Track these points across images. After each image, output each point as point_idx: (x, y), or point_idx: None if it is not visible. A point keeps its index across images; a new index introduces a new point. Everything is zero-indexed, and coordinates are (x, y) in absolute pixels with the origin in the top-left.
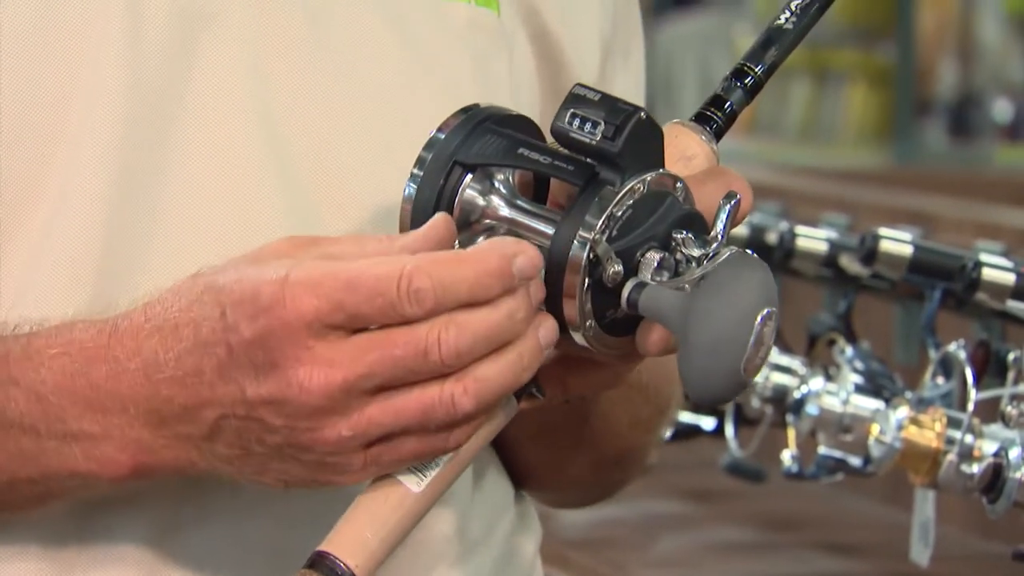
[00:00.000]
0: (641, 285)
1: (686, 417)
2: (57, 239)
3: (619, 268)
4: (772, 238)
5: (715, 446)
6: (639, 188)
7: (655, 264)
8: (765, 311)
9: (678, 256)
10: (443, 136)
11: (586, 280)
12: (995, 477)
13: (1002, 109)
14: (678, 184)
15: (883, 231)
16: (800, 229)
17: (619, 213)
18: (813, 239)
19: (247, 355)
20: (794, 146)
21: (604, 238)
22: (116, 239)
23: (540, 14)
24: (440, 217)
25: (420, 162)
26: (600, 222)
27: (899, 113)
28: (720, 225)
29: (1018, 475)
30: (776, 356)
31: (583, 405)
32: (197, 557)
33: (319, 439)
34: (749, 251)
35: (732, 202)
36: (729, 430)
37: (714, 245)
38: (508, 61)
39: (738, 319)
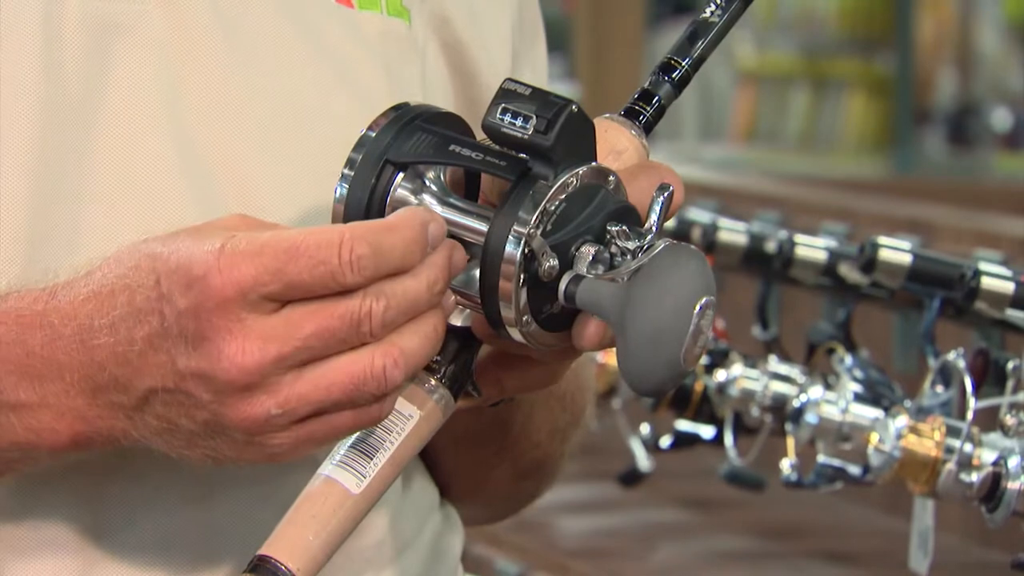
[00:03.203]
0: (578, 278)
1: (685, 426)
2: None
3: (554, 263)
4: (771, 247)
5: (714, 455)
6: (572, 182)
7: (590, 257)
8: (703, 300)
9: (613, 249)
10: (373, 135)
11: (522, 275)
12: (994, 486)
13: (1001, 118)
14: (611, 177)
15: (882, 240)
16: (799, 238)
17: (553, 207)
18: (812, 248)
19: (179, 326)
20: (793, 155)
21: (539, 233)
22: (35, 247)
23: (450, 23)
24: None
25: (351, 162)
26: (534, 217)
27: (898, 122)
28: (654, 217)
29: (1017, 484)
30: (775, 365)
31: (507, 412)
32: (130, 542)
33: (247, 417)
34: (685, 243)
35: (665, 194)
36: (728, 439)
37: (648, 237)
38: (420, 70)
39: (676, 308)
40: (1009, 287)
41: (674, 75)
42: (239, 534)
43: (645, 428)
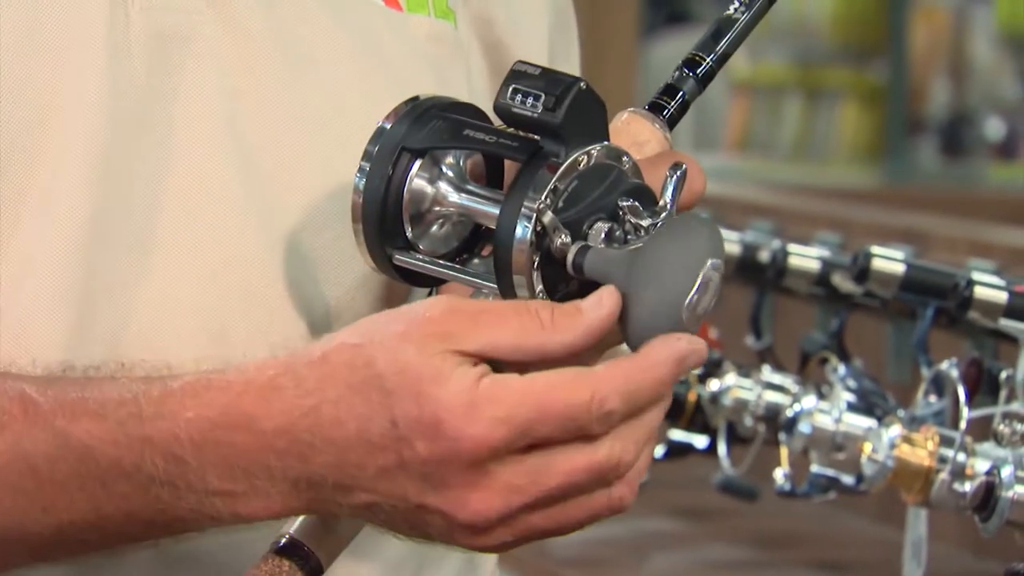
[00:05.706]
0: (585, 248)
1: (678, 435)
2: (40, 260)
3: (567, 239)
4: (764, 256)
5: (707, 464)
6: (584, 160)
7: (603, 234)
8: (712, 261)
9: (626, 226)
10: (389, 126)
11: (535, 253)
12: (987, 495)
13: (994, 127)
14: (624, 157)
15: (875, 249)
16: (792, 247)
17: (563, 185)
18: (805, 257)
19: (420, 470)
20: (787, 164)
21: (549, 209)
22: (99, 258)
23: (491, 24)
24: (607, 293)
25: (367, 155)
26: (544, 194)
27: (891, 131)
28: (668, 194)
29: (1010, 493)
30: (769, 374)
31: None
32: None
33: (477, 544)
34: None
35: (678, 172)
36: (722, 448)
37: (663, 215)
38: (466, 71)
39: (685, 263)
40: (1002, 296)
41: (698, 71)
42: None
43: None
